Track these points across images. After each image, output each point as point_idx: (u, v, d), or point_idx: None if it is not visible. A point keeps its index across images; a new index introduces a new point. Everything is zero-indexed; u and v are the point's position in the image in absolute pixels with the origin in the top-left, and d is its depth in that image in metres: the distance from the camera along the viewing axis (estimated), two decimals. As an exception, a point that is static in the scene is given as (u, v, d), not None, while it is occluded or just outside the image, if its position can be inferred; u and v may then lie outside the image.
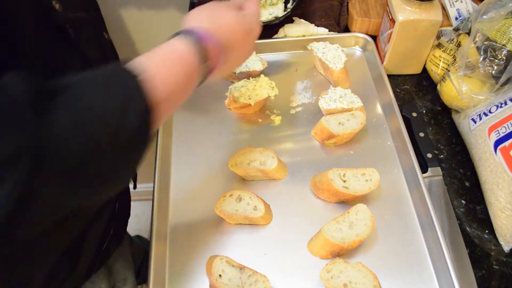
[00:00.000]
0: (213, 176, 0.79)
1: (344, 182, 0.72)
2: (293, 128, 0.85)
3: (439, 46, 0.92)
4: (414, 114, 0.87)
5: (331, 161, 0.80)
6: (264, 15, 1.02)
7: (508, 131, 0.73)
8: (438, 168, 0.80)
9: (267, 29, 1.00)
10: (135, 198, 1.22)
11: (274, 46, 0.97)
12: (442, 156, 0.84)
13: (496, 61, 0.77)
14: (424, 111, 0.91)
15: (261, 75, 0.86)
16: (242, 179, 0.78)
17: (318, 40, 0.93)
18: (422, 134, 0.84)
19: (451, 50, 0.89)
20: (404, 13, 0.84)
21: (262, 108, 0.88)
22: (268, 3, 1.03)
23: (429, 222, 0.70)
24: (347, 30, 1.04)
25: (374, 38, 0.98)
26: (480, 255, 0.72)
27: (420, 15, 0.84)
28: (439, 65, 0.91)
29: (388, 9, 0.89)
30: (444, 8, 0.95)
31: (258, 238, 0.72)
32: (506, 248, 0.72)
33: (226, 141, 0.84)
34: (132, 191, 0.90)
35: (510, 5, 0.78)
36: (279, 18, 0.98)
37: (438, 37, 0.93)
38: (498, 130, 0.74)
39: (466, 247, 0.72)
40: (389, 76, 0.91)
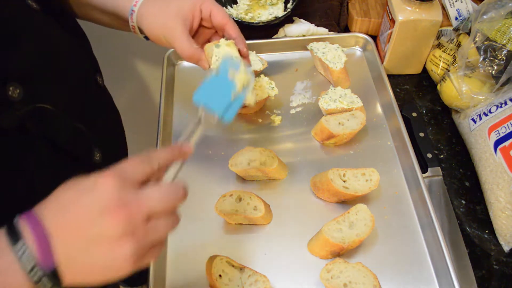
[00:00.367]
0: (213, 176, 0.79)
1: (344, 182, 0.72)
2: (293, 128, 0.85)
3: (439, 46, 0.92)
4: (414, 114, 0.87)
5: (331, 161, 0.80)
6: (264, 15, 1.02)
7: (508, 131, 0.73)
8: (438, 168, 0.80)
9: (267, 29, 1.00)
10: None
11: (274, 46, 0.97)
12: (442, 156, 0.84)
13: (496, 61, 0.77)
14: (424, 111, 0.91)
15: (261, 75, 0.86)
16: (242, 179, 0.78)
17: (318, 40, 0.93)
18: (422, 134, 0.84)
19: (451, 50, 0.89)
20: (404, 13, 0.84)
21: (262, 108, 0.88)
22: (268, 3, 1.03)
23: (429, 222, 0.70)
24: (347, 30, 1.04)
25: (374, 38, 0.98)
26: (480, 255, 0.72)
27: (420, 15, 0.84)
28: (439, 65, 0.91)
29: (388, 9, 0.89)
30: (444, 8, 0.95)
31: (258, 238, 0.72)
32: (506, 248, 0.72)
33: (226, 141, 0.84)
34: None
35: (510, 5, 0.78)
36: (279, 18, 0.98)
37: (438, 37, 0.93)
38: (498, 130, 0.74)
39: (466, 247, 0.72)
40: (389, 76, 0.91)
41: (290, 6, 1.01)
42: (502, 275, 0.70)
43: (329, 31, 0.99)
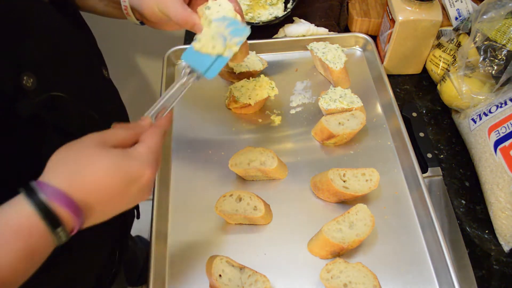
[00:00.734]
0: (213, 176, 0.79)
1: (344, 182, 0.72)
2: (293, 128, 0.85)
3: (439, 46, 0.92)
4: (414, 114, 0.87)
5: (331, 161, 0.80)
6: (264, 15, 1.02)
7: (508, 131, 0.73)
8: (438, 168, 0.80)
9: (267, 29, 1.00)
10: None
11: (274, 46, 0.97)
12: (442, 156, 0.84)
13: (496, 61, 0.77)
14: (424, 111, 0.91)
15: (261, 75, 0.86)
16: (242, 179, 0.78)
17: (318, 40, 0.93)
18: (422, 134, 0.84)
19: (451, 50, 0.89)
20: (404, 13, 0.84)
21: (262, 108, 0.88)
22: (268, 3, 1.03)
23: (429, 222, 0.70)
24: (347, 30, 1.04)
25: (374, 38, 0.98)
26: (480, 255, 0.72)
27: (420, 15, 0.84)
28: (439, 65, 0.91)
29: (388, 9, 0.89)
30: (444, 8, 0.95)
31: (258, 238, 0.72)
32: (506, 248, 0.72)
33: (226, 141, 0.83)
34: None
35: (510, 5, 0.78)
36: (279, 18, 0.98)
37: (438, 37, 0.93)
38: (498, 130, 0.74)
39: (466, 247, 0.72)
40: (389, 76, 0.91)
41: (290, 6, 1.01)
42: (502, 275, 0.70)
43: (329, 31, 0.99)
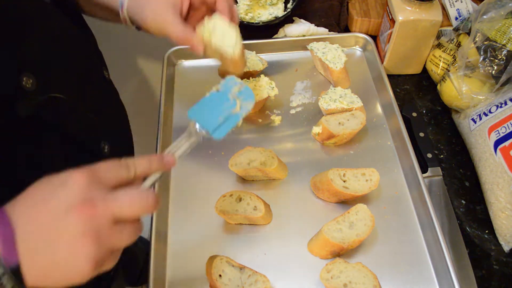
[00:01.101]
0: (213, 176, 0.79)
1: (344, 182, 0.72)
2: (293, 128, 0.85)
3: (439, 46, 0.92)
4: (414, 114, 0.87)
5: (331, 161, 0.80)
6: (264, 15, 1.02)
7: (508, 131, 0.73)
8: (438, 168, 0.80)
9: (267, 29, 1.00)
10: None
11: (274, 46, 0.97)
12: (442, 156, 0.84)
13: (496, 61, 0.77)
14: (424, 111, 0.91)
15: (261, 75, 0.86)
16: (242, 179, 0.78)
17: (318, 40, 0.93)
18: (422, 134, 0.84)
19: (451, 50, 0.89)
20: (404, 13, 0.84)
21: (262, 108, 0.88)
22: (268, 3, 1.03)
23: (429, 222, 0.70)
24: (347, 30, 1.04)
25: (374, 38, 0.98)
26: (480, 255, 0.72)
27: (420, 15, 0.84)
28: (439, 65, 0.91)
29: (388, 9, 0.89)
30: (444, 8, 0.95)
31: (258, 238, 0.72)
32: (506, 248, 0.72)
33: (226, 141, 0.83)
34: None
35: (510, 5, 0.78)
36: (279, 18, 0.98)
37: (438, 37, 0.93)
38: (498, 130, 0.74)
39: (466, 247, 0.72)
40: (389, 76, 0.91)
41: (290, 6, 1.01)
42: (502, 275, 0.70)
43: (329, 31, 0.99)
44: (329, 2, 1.05)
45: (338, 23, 1.03)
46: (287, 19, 1.00)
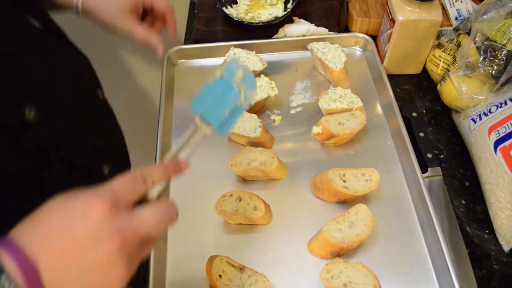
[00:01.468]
0: (213, 176, 0.79)
1: (344, 182, 0.72)
2: (293, 128, 0.85)
3: (439, 46, 0.92)
4: (414, 114, 0.87)
5: (331, 161, 0.80)
6: (264, 15, 1.02)
7: (508, 131, 0.73)
8: (438, 168, 0.80)
9: (267, 29, 1.00)
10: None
11: (274, 46, 0.97)
12: (442, 156, 0.84)
13: (496, 61, 0.77)
14: (424, 111, 0.91)
15: (261, 75, 0.86)
16: (242, 179, 0.78)
17: (318, 40, 0.93)
18: (422, 134, 0.84)
19: (451, 50, 0.89)
20: (404, 13, 0.84)
21: (262, 108, 0.88)
22: (268, 3, 1.03)
23: (429, 222, 0.70)
24: (347, 30, 1.04)
25: (374, 38, 0.98)
26: (480, 255, 0.72)
27: (420, 15, 0.84)
28: (439, 65, 0.91)
29: (388, 9, 0.89)
30: (444, 8, 0.95)
31: (258, 238, 0.72)
32: (506, 248, 0.72)
33: (226, 141, 0.83)
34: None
35: (510, 5, 0.78)
36: (279, 18, 0.98)
37: (438, 37, 0.93)
38: (498, 130, 0.74)
39: (466, 247, 0.72)
40: (389, 76, 0.91)
41: (290, 6, 1.01)
42: (502, 275, 0.70)
43: (329, 31, 0.99)
44: (329, 2, 1.05)
45: (338, 23, 1.03)
46: (287, 19, 1.00)
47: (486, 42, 0.78)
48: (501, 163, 0.72)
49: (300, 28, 0.98)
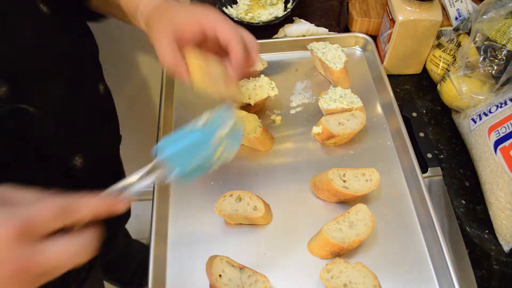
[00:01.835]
0: (213, 176, 0.78)
1: (344, 182, 0.72)
2: (293, 128, 0.85)
3: (439, 46, 0.92)
4: (414, 114, 0.87)
5: (331, 161, 0.80)
6: (264, 15, 1.02)
7: (508, 131, 0.73)
8: (438, 168, 0.80)
9: (267, 29, 1.00)
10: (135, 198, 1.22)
11: (274, 46, 0.97)
12: (442, 156, 0.84)
13: (496, 61, 0.77)
14: (424, 111, 0.91)
15: (261, 75, 0.86)
16: (242, 179, 0.78)
17: (318, 40, 0.93)
18: (422, 134, 0.84)
19: (451, 50, 0.89)
20: (404, 13, 0.84)
21: (262, 108, 0.88)
22: (268, 3, 1.03)
23: (429, 222, 0.70)
24: (347, 30, 1.04)
25: (374, 38, 0.98)
26: (480, 255, 0.72)
27: (420, 15, 0.84)
28: (439, 65, 0.91)
29: (388, 9, 0.89)
30: (444, 8, 0.95)
31: (258, 238, 0.72)
32: (506, 248, 0.72)
33: (226, 141, 0.83)
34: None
35: (510, 5, 0.78)
36: (279, 18, 0.98)
37: (438, 37, 0.93)
38: (498, 130, 0.74)
39: (466, 247, 0.72)
40: (389, 76, 0.91)
41: (290, 6, 1.01)
42: (502, 275, 0.70)
43: (329, 31, 0.99)
44: (329, 2, 1.05)
45: (338, 23, 1.03)
46: (287, 19, 1.00)
47: (486, 42, 0.78)
48: (501, 163, 0.72)
49: (300, 28, 0.98)
